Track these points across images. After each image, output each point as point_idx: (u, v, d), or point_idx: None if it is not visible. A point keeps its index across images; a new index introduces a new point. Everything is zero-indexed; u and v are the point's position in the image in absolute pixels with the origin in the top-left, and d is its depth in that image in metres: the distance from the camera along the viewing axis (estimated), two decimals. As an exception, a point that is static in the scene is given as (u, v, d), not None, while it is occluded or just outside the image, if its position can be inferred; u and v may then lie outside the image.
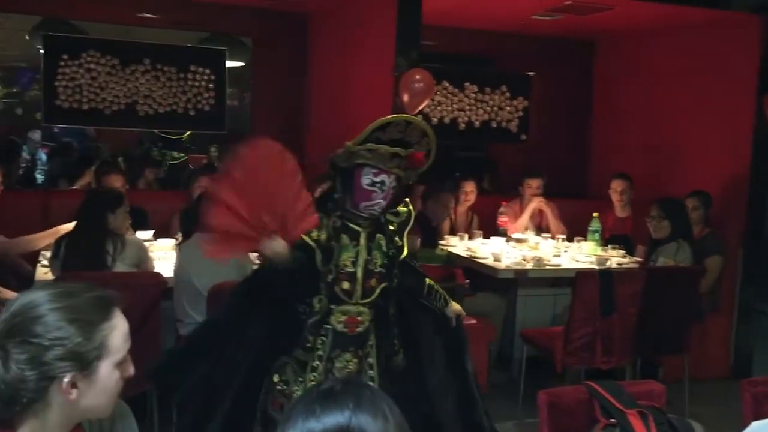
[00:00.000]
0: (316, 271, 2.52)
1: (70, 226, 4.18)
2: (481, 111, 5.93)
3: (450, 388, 2.82)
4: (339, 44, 5.34)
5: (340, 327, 2.53)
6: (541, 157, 6.29)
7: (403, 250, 2.63)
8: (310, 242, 2.50)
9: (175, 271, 3.74)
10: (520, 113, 6.06)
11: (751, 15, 4.90)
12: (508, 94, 6.02)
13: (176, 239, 4.41)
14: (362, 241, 2.56)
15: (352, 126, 5.11)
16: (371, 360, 2.60)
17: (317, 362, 2.54)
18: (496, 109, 5.98)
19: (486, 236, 5.40)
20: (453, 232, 5.55)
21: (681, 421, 2.21)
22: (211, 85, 5.49)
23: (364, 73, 4.88)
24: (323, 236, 2.51)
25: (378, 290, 2.55)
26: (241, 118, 9.05)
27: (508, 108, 6.02)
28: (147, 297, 3.43)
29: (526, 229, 5.54)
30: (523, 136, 6.13)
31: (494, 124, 6.00)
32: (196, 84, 5.46)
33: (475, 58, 7.65)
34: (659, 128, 5.55)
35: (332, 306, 2.53)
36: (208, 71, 5.47)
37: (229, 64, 6.35)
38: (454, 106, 5.87)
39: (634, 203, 5.30)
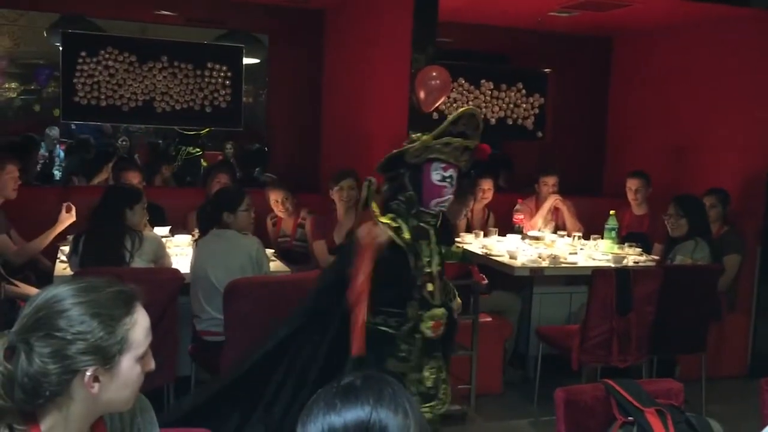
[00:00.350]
0: (404, 275, 2.46)
1: (69, 219, 4.24)
2: (497, 108, 5.90)
3: None
4: (355, 41, 5.35)
5: (428, 332, 2.50)
6: (557, 155, 6.27)
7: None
8: (401, 244, 2.44)
9: (192, 267, 3.77)
10: (536, 110, 6.03)
11: (769, 10, 4.86)
12: (524, 91, 5.99)
13: (193, 235, 4.44)
14: (432, 239, 2.54)
15: (367, 123, 5.14)
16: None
17: (413, 373, 2.51)
18: (512, 106, 5.95)
19: (501, 234, 5.39)
20: (469, 229, 5.54)
21: (699, 419, 2.20)
22: (227, 82, 5.50)
23: (380, 69, 4.88)
24: (407, 237, 2.47)
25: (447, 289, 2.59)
26: (255, 115, 9.08)
27: (524, 105, 5.99)
28: (165, 292, 3.46)
29: (543, 227, 5.53)
30: (539, 134, 6.10)
31: (510, 122, 5.97)
32: (213, 81, 5.47)
33: (492, 54, 7.62)
34: (676, 125, 5.52)
35: (421, 312, 2.49)
36: (225, 68, 5.49)
37: (245, 61, 6.38)
38: (470, 103, 5.85)
39: (651, 201, 5.26)
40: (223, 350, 3.50)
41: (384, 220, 2.47)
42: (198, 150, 9.21)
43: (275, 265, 4.28)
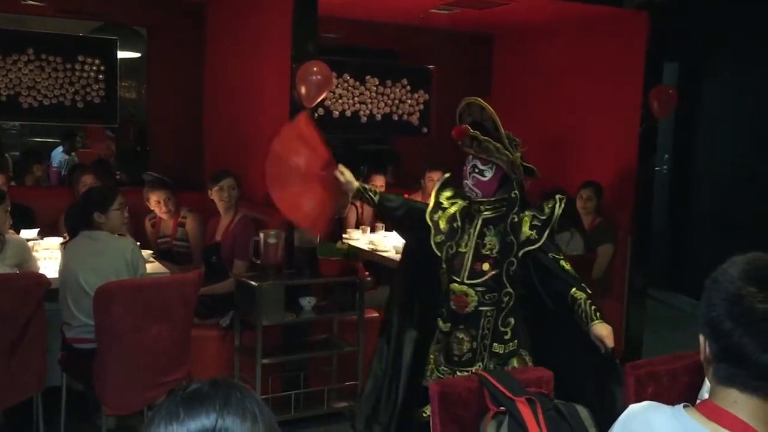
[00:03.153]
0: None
1: None
2: (382, 104, 5.93)
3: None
4: (236, 35, 5.22)
5: (452, 304, 2.79)
6: (443, 150, 6.35)
7: (536, 243, 2.74)
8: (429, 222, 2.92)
9: (60, 272, 3.57)
10: (421, 106, 6.10)
11: (639, 12, 5.09)
12: (409, 88, 6.04)
13: (64, 237, 4.21)
14: (476, 223, 2.81)
15: (249, 119, 5.03)
16: (486, 342, 2.78)
17: (439, 335, 2.85)
18: (397, 102, 5.99)
19: (388, 229, 5.41)
20: (359, 226, 5.54)
21: (568, 406, 2.26)
22: (101, 77, 5.25)
23: (261, 64, 4.79)
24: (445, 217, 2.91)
25: (488, 275, 2.73)
26: (140, 110, 8.75)
27: (409, 101, 6.04)
28: (29, 299, 3.27)
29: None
30: (425, 129, 6.17)
31: (396, 117, 6.01)
32: (85, 75, 5.21)
33: (379, 51, 7.65)
34: (554, 121, 5.71)
35: (450, 284, 2.79)
36: (97, 62, 5.23)
37: (122, 54, 6.11)
38: (356, 99, 5.85)
39: (534, 196, 5.41)
40: (95, 358, 3.34)
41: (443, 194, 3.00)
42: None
43: (153, 267, 4.12)
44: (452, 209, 2.90)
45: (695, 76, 7.33)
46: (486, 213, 2.80)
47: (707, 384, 1.65)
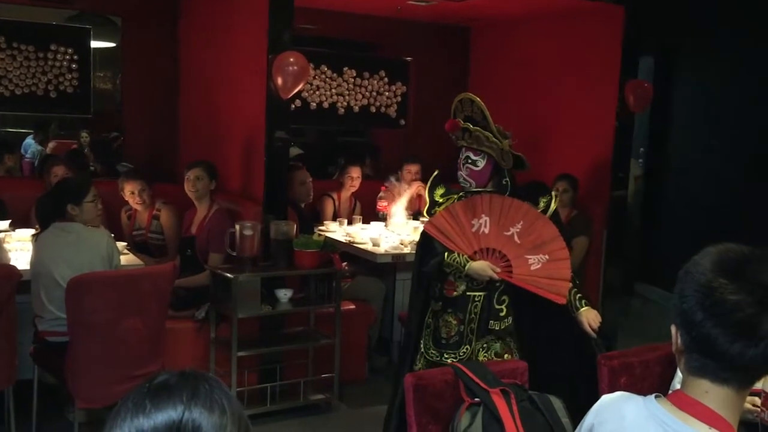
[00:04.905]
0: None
1: None
2: (360, 96, 5.91)
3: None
4: (211, 24, 5.17)
5: (443, 287, 2.90)
6: (421, 143, 6.35)
7: None
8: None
9: (32, 264, 3.51)
10: (399, 98, 6.09)
11: (615, 5, 5.12)
12: (386, 80, 6.03)
13: (36, 229, 4.15)
14: None
15: (225, 110, 4.99)
16: (473, 326, 2.86)
17: (430, 319, 2.94)
18: (375, 94, 5.98)
19: (367, 221, 5.40)
20: (336, 218, 5.52)
21: (541, 396, 2.28)
22: (74, 66, 5.17)
23: (237, 55, 4.75)
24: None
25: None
26: (115, 101, 8.63)
27: (386, 93, 6.03)
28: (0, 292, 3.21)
29: (406, 214, 5.58)
30: (402, 121, 6.16)
31: (373, 109, 6.00)
32: (58, 64, 5.12)
33: (357, 42, 7.61)
34: (531, 114, 5.71)
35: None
36: (70, 51, 5.15)
37: (96, 44, 6.02)
38: (333, 90, 5.83)
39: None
40: (68, 351, 3.29)
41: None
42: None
43: (128, 259, 4.08)
44: (447, 203, 2.99)
45: (671, 71, 7.38)
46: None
47: (679, 375, 1.66)
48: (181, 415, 0.98)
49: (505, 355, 2.85)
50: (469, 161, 2.90)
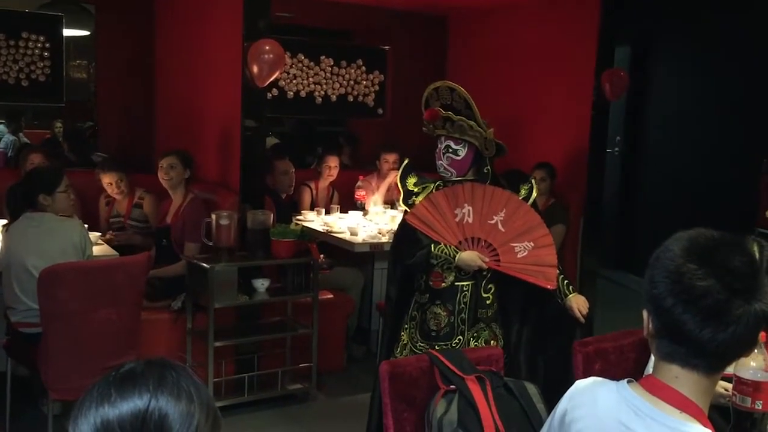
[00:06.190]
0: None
1: None
2: (337, 85, 5.87)
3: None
4: (187, 11, 5.11)
5: (429, 280, 2.84)
6: (399, 132, 6.33)
7: None
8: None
9: (3, 255, 3.47)
10: (377, 87, 6.06)
11: (591, -6, 5.13)
12: (364, 68, 5.99)
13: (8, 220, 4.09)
14: None
15: (201, 98, 4.94)
16: (464, 316, 2.82)
17: (415, 312, 2.89)
18: (352, 83, 5.94)
19: (344, 211, 5.39)
20: (314, 207, 5.50)
21: (517, 383, 2.29)
22: (46, 54, 5.08)
23: (212, 43, 4.70)
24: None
25: None
26: (90, 90, 8.53)
27: (364, 82, 5.99)
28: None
29: (384, 204, 5.58)
30: (380, 111, 6.14)
31: (351, 99, 5.96)
32: (30, 52, 5.03)
33: (334, 31, 7.57)
34: (508, 102, 5.72)
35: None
36: (42, 39, 5.05)
37: (70, 32, 5.93)
38: (311, 79, 5.78)
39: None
40: (41, 343, 3.25)
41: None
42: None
43: (101, 249, 4.03)
44: (425, 193, 2.93)
45: (646, 60, 7.43)
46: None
47: (653, 360, 1.67)
48: (147, 403, 0.97)
49: (492, 342, 2.84)
50: (450, 150, 2.84)
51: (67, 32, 5.65)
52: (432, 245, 2.77)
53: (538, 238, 2.79)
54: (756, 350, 1.68)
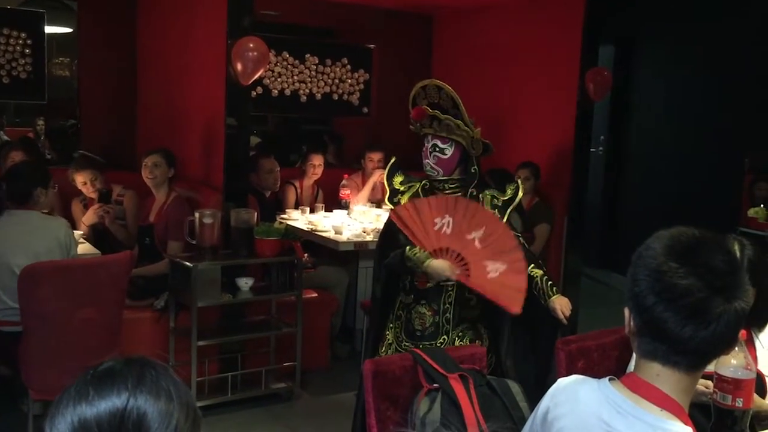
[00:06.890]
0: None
1: None
2: (322, 83, 5.86)
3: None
4: (170, 8, 5.07)
5: (414, 279, 2.82)
6: (384, 130, 6.33)
7: None
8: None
9: (-16, 253, 3.42)
10: (362, 86, 6.05)
11: (576, -6, 5.14)
12: (349, 67, 5.98)
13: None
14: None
15: (184, 96, 4.91)
16: (449, 316, 2.80)
17: (400, 311, 2.88)
18: (337, 81, 5.93)
19: (329, 209, 5.37)
20: (298, 206, 5.48)
21: (500, 381, 2.29)
22: (27, 51, 5.03)
23: (196, 39, 4.67)
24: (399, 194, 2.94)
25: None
26: (72, 87, 8.44)
27: (349, 81, 5.99)
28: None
29: (369, 202, 5.57)
30: (365, 109, 6.13)
31: (336, 97, 5.95)
32: (11, 50, 4.97)
33: (319, 29, 7.55)
34: (492, 101, 5.73)
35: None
36: (23, 35, 5.00)
37: (52, 29, 5.87)
38: (295, 77, 5.76)
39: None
40: (21, 341, 3.22)
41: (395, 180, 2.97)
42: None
43: (83, 248, 4.00)
44: (411, 191, 2.91)
45: (630, 59, 7.47)
46: (448, 191, 2.83)
47: (635, 358, 1.68)
48: (125, 402, 0.96)
49: (477, 342, 2.84)
50: (437, 149, 2.81)
51: (49, 29, 5.59)
52: (407, 247, 2.75)
53: (513, 262, 2.72)
54: (737, 348, 1.69)
